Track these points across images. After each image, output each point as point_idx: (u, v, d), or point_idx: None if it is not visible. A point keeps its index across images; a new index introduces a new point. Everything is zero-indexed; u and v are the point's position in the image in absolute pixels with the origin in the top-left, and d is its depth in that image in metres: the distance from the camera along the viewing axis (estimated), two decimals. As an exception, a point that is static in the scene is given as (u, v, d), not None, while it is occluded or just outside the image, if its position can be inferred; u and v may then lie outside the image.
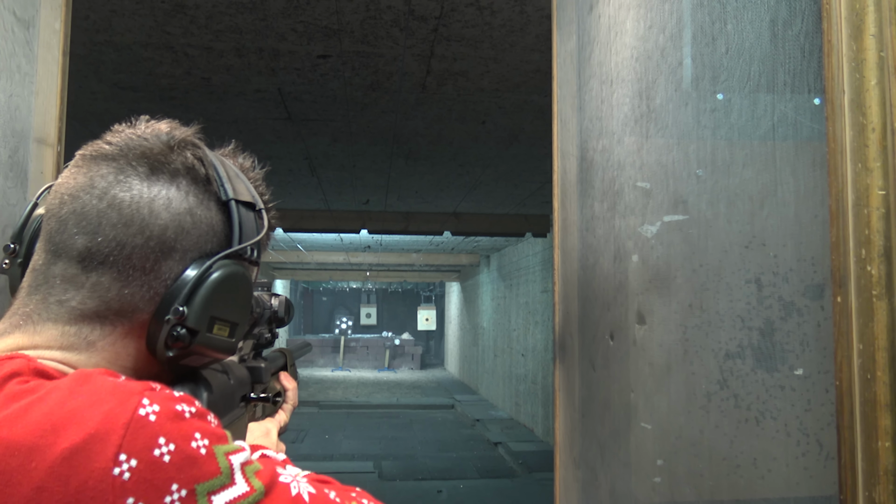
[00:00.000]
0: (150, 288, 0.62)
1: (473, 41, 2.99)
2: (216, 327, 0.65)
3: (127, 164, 0.62)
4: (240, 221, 0.67)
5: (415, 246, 11.96)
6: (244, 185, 0.71)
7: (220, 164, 0.69)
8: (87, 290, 0.61)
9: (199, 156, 0.67)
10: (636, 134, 1.24)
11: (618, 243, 1.31)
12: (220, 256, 0.65)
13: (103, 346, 0.62)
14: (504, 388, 12.21)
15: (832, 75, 0.70)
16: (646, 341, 1.21)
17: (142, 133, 0.65)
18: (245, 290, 0.69)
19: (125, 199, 0.61)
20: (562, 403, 1.61)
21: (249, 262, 0.69)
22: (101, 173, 0.62)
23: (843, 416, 0.67)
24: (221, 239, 0.66)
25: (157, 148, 0.64)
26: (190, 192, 0.64)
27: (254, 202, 0.71)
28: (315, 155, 5.16)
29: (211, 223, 0.66)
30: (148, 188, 0.62)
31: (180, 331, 0.62)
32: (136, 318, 0.62)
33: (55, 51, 1.42)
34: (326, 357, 21.20)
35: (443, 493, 7.14)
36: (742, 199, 1.01)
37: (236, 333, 0.69)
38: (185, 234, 0.63)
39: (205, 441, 0.51)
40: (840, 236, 0.69)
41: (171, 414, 0.51)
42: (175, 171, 0.64)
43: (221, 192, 0.67)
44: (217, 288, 0.64)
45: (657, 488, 1.19)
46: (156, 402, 0.51)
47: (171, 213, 0.62)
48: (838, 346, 0.68)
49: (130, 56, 3.17)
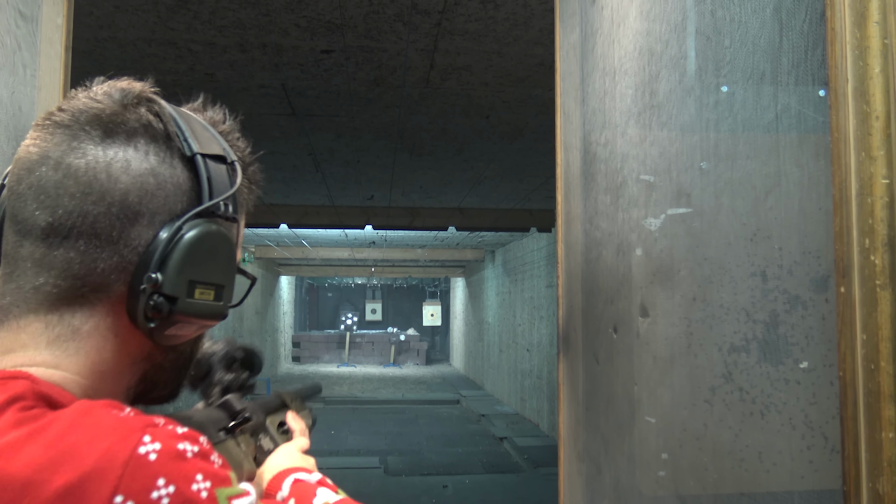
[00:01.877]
0: (122, 258, 0.58)
1: (477, 35, 2.99)
2: (198, 291, 0.61)
3: (80, 130, 0.59)
4: (208, 176, 0.62)
5: (419, 241, 11.97)
6: (212, 138, 0.66)
7: (182, 118, 0.64)
8: (58, 270, 0.57)
9: (155, 111, 0.62)
10: (639, 126, 1.24)
11: (621, 236, 1.30)
12: (189, 215, 0.60)
13: (88, 331, 0.59)
14: (509, 383, 12.22)
15: (835, 63, 0.70)
16: (649, 334, 1.21)
17: (94, 95, 0.61)
18: (225, 249, 0.64)
19: (80, 165, 0.57)
20: (565, 397, 1.61)
21: (226, 218, 0.64)
22: (54, 142, 0.58)
23: (846, 407, 0.67)
24: (191, 197, 0.62)
25: (109, 108, 0.60)
26: (150, 151, 0.60)
27: (224, 155, 0.66)
28: (319, 150, 5.16)
29: (177, 182, 0.61)
30: (103, 152, 0.58)
31: (157, 299, 0.58)
32: (114, 291, 0.59)
33: (58, 46, 1.42)
34: (332, 353, 21.25)
35: (448, 488, 7.15)
36: (746, 191, 1.01)
37: (223, 296, 0.64)
38: (149, 197, 0.59)
39: (206, 483, 0.49)
40: (843, 226, 0.68)
41: (173, 453, 0.49)
42: (131, 130, 0.60)
43: (185, 146, 0.62)
44: (191, 249, 0.60)
45: (661, 482, 1.19)
46: (158, 440, 0.49)
47: (131, 175, 0.58)
48: (842, 336, 0.68)
49: (134, 52, 3.17)
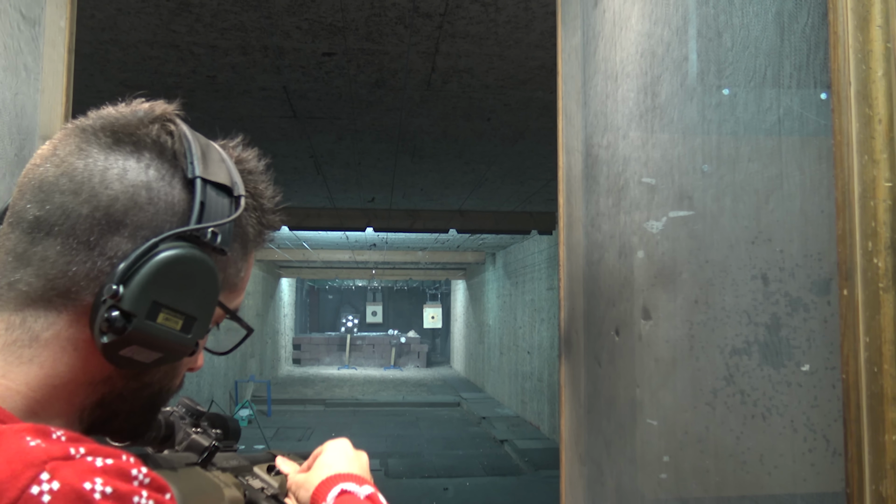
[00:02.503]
0: (94, 265, 0.55)
1: (478, 38, 2.99)
2: (162, 316, 0.56)
3: (92, 134, 0.58)
4: (203, 201, 0.59)
5: (420, 244, 11.97)
6: (225, 169, 0.64)
7: (196, 142, 0.62)
8: (34, 267, 0.55)
9: (169, 129, 0.61)
10: (641, 129, 1.24)
11: (623, 239, 1.30)
12: (168, 234, 0.57)
13: (47, 340, 0.55)
14: (510, 385, 12.21)
15: (838, 67, 0.70)
16: (651, 337, 1.21)
17: (121, 107, 0.62)
18: (205, 280, 0.59)
19: (79, 166, 0.56)
20: (567, 400, 1.60)
21: (213, 248, 0.60)
22: (67, 143, 0.58)
23: (849, 410, 0.67)
24: (182, 220, 0.59)
25: (125, 120, 0.60)
26: (152, 166, 0.58)
27: (230, 186, 0.63)
28: (320, 153, 5.17)
29: (170, 201, 0.58)
30: (105, 157, 0.57)
31: (113, 313, 0.54)
32: (81, 300, 0.56)
33: (60, 48, 1.42)
34: (332, 355, 21.24)
35: (449, 491, 7.15)
36: (748, 194, 1.01)
37: (193, 329, 0.59)
38: (137, 209, 0.57)
39: None
40: (846, 229, 0.68)
41: (73, 495, 0.43)
42: (140, 143, 0.59)
43: (189, 168, 0.60)
44: (162, 269, 0.56)
45: (663, 484, 1.19)
46: (58, 479, 0.43)
47: (125, 184, 0.57)
48: (844, 339, 0.68)
49: (136, 54, 3.17)
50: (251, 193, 0.67)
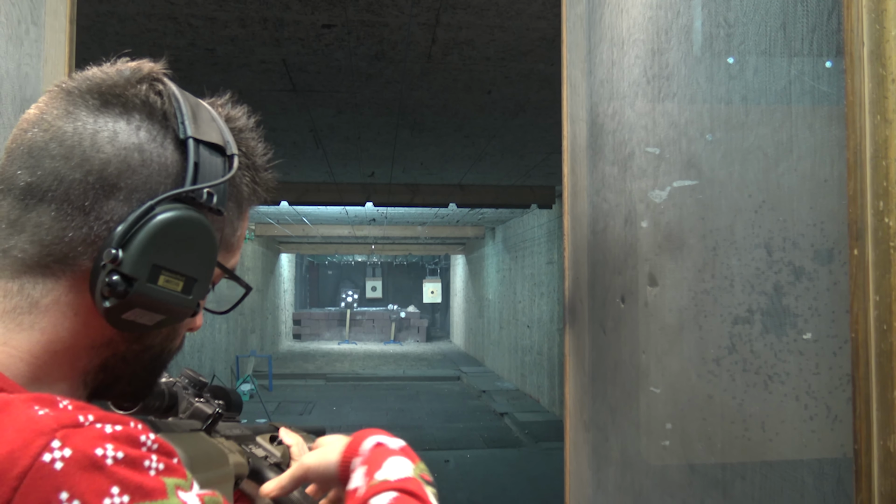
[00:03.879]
0: (91, 230, 0.55)
1: (479, 9, 2.96)
2: (163, 278, 0.57)
3: (79, 97, 0.57)
4: (196, 162, 0.59)
5: (420, 219, 11.96)
6: (216, 128, 0.63)
7: (186, 102, 0.62)
8: (28, 234, 0.55)
9: (158, 89, 0.60)
10: (648, 96, 1.24)
11: (629, 206, 1.31)
12: (164, 196, 0.57)
13: (47, 306, 0.56)
14: (510, 359, 12.28)
15: (851, 27, 0.69)
16: (657, 304, 1.22)
17: (106, 68, 0.60)
18: (202, 240, 0.59)
19: (68, 130, 0.56)
20: (572, 367, 1.62)
21: (209, 209, 0.60)
22: (53, 106, 0.57)
23: (858, 368, 0.68)
24: (177, 181, 0.59)
25: (112, 81, 0.59)
26: (142, 127, 0.58)
27: (223, 146, 0.63)
28: (320, 127, 5.14)
29: (164, 162, 0.58)
30: (94, 120, 0.56)
31: (114, 277, 0.54)
32: (79, 266, 0.56)
33: (62, 18, 1.41)
34: (333, 330, 21.34)
35: (450, 463, 7.23)
36: (756, 160, 1.01)
37: (194, 290, 0.60)
38: (130, 172, 0.56)
39: (123, 498, 0.43)
40: (857, 189, 0.69)
41: (85, 461, 0.43)
42: (129, 104, 0.58)
43: (180, 129, 0.59)
44: (160, 232, 0.56)
45: (668, 449, 1.20)
46: (69, 445, 0.43)
47: (116, 147, 0.56)
48: (854, 298, 0.69)
49: (134, 27, 3.14)
50: (244, 152, 0.67)
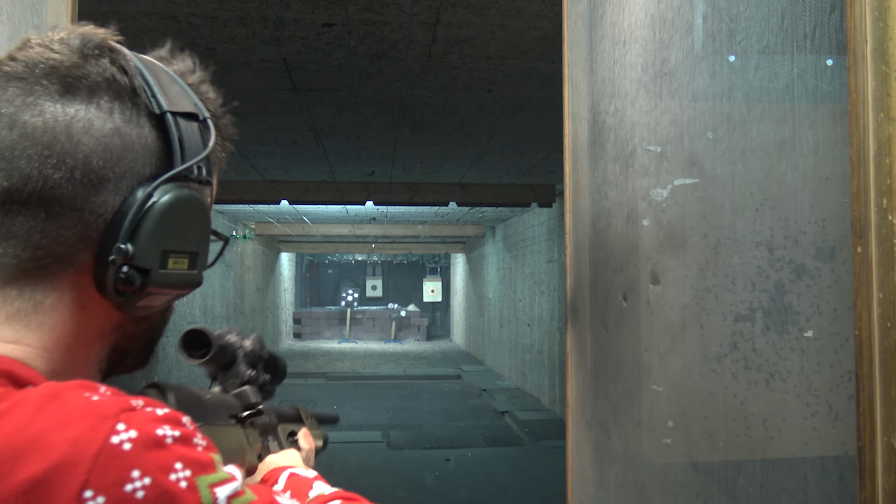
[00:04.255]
0: (87, 226, 0.54)
1: (479, 7, 2.96)
2: (171, 261, 0.57)
3: (35, 83, 0.53)
4: (180, 136, 0.58)
5: (420, 217, 11.96)
6: (183, 93, 0.61)
7: (149, 71, 0.59)
8: (18, 240, 0.52)
9: (119, 63, 0.57)
10: (650, 94, 1.24)
11: (631, 205, 1.31)
12: (160, 181, 0.56)
13: (52, 305, 0.54)
14: (510, 358, 12.29)
15: (854, 24, 0.70)
16: (660, 302, 1.22)
17: (49, 43, 0.55)
18: (199, 215, 0.60)
19: (37, 124, 0.52)
20: (574, 366, 1.62)
21: (199, 182, 0.60)
22: (6, 97, 0.53)
23: (862, 365, 0.68)
24: (161, 159, 0.57)
25: (67, 59, 0.54)
26: (114, 109, 0.55)
27: (196, 112, 0.61)
28: (320, 126, 5.14)
29: (145, 143, 0.56)
30: (63, 109, 0.53)
31: (128, 271, 0.54)
32: (79, 262, 0.55)
33: (64, 18, 1.41)
34: (333, 329, 21.34)
35: (451, 462, 7.23)
36: (759, 158, 1.01)
37: (198, 263, 0.61)
38: (115, 160, 0.54)
39: (186, 472, 0.45)
40: (861, 186, 0.69)
41: (150, 441, 0.45)
42: (93, 85, 0.55)
43: (153, 103, 0.57)
44: (164, 218, 0.55)
45: (670, 447, 1.21)
46: (133, 427, 0.45)
47: (94, 136, 0.53)
48: (858, 295, 0.69)
49: (134, 26, 3.14)
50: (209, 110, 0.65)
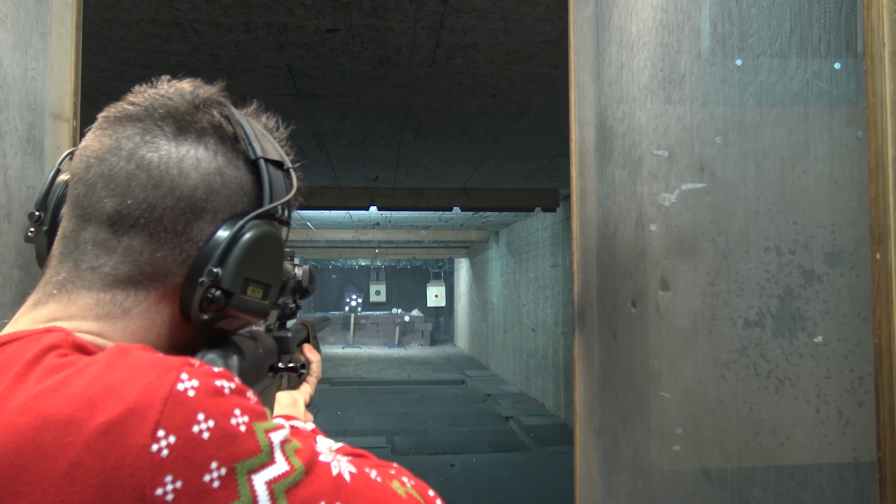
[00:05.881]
0: (182, 250, 0.61)
1: (483, 12, 2.95)
2: (250, 289, 0.64)
3: (153, 124, 0.61)
4: (270, 180, 0.66)
5: (423, 222, 11.95)
6: (271, 144, 0.70)
7: (247, 123, 0.68)
8: (120, 255, 0.60)
9: (225, 114, 0.65)
10: (659, 99, 1.23)
11: (639, 210, 1.29)
12: (252, 216, 0.64)
13: (138, 313, 0.61)
14: (514, 362, 12.25)
15: (871, 28, 0.68)
16: (670, 308, 1.21)
17: (165, 92, 0.64)
18: (277, 251, 0.68)
19: (153, 159, 0.60)
20: (581, 373, 1.61)
21: (280, 221, 0.68)
22: (126, 134, 0.61)
23: (881, 374, 0.67)
24: (251, 199, 0.66)
25: (182, 107, 0.63)
26: (218, 152, 0.63)
27: (282, 161, 0.70)
28: (324, 131, 5.14)
29: (240, 183, 0.65)
30: (176, 148, 0.61)
31: (215, 293, 0.61)
32: (170, 281, 0.61)
33: (68, 25, 1.40)
34: (337, 334, 21.32)
35: (455, 467, 7.20)
36: (770, 163, 1.00)
37: (269, 295, 0.68)
38: (215, 195, 0.62)
39: (244, 418, 0.50)
40: (879, 192, 0.67)
41: (211, 389, 0.50)
42: (202, 130, 0.63)
43: (250, 150, 0.66)
44: (250, 248, 0.63)
45: (680, 454, 1.19)
46: (195, 378, 0.50)
47: (201, 173, 0.61)
48: (877, 303, 0.67)
49: (138, 33, 3.14)
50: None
